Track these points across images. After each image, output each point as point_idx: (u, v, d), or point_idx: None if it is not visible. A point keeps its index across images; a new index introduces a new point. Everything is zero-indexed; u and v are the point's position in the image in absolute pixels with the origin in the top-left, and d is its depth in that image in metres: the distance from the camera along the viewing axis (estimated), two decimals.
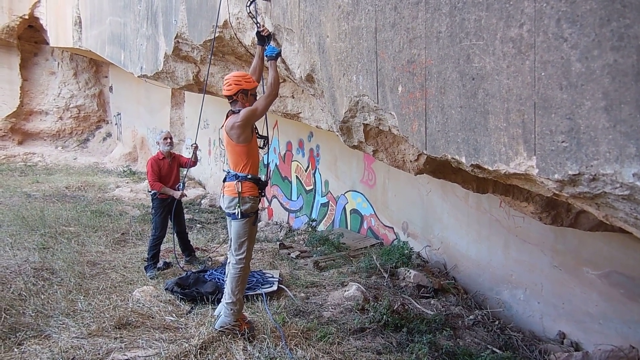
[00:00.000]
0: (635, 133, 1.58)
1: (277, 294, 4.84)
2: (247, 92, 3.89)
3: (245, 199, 3.81)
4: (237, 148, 3.88)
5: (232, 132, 3.81)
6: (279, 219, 9.66)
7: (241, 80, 3.88)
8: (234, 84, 3.87)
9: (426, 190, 6.26)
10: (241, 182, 3.83)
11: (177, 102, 13.99)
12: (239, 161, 3.88)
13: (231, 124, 3.80)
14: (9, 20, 16.52)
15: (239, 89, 3.86)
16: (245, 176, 3.86)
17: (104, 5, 11.19)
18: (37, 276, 5.17)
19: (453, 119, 2.36)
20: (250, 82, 3.91)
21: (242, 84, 3.86)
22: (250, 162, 3.91)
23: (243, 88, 3.86)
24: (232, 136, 3.83)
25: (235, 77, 3.90)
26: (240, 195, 3.79)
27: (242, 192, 3.81)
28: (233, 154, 3.93)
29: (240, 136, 3.81)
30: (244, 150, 3.87)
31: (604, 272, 4.44)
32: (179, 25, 6.43)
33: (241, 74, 3.99)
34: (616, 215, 1.87)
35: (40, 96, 18.43)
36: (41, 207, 9.11)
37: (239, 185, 3.80)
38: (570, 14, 1.75)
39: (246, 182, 3.85)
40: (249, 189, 3.85)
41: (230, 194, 3.85)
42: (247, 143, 3.86)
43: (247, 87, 3.88)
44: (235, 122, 3.77)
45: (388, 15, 2.72)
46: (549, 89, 1.85)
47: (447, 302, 5.04)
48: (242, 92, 3.88)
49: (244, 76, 3.93)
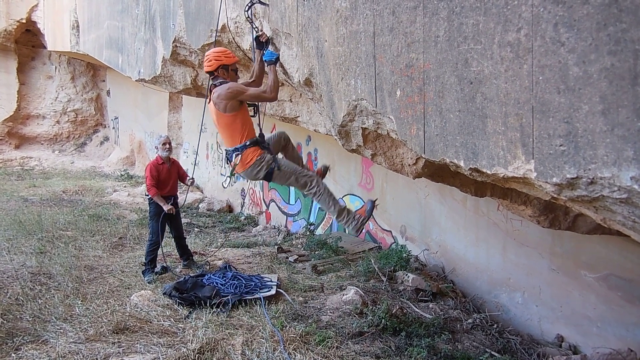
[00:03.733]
0: (632, 136, 1.59)
1: (276, 298, 4.83)
2: (227, 67, 3.99)
3: (256, 164, 3.92)
4: (225, 119, 3.94)
5: (219, 102, 3.88)
6: (277, 222, 9.65)
7: (221, 55, 3.97)
8: (214, 59, 3.96)
9: (424, 193, 6.27)
10: (241, 154, 3.92)
11: (175, 106, 13.99)
12: (234, 135, 3.95)
13: (217, 94, 3.88)
14: (6, 24, 16.51)
15: (219, 65, 3.96)
16: (244, 145, 3.93)
17: (102, 10, 11.20)
18: (34, 281, 5.15)
19: (451, 123, 2.36)
20: (230, 57, 4.00)
21: (221, 59, 3.96)
22: (246, 130, 3.98)
23: (223, 63, 3.97)
24: (219, 106, 3.91)
25: (215, 53, 3.98)
26: (251, 165, 3.91)
27: (250, 161, 3.93)
28: (225, 127, 4.02)
29: (226, 106, 3.89)
30: (234, 120, 3.93)
31: (602, 275, 4.45)
32: (177, 29, 6.44)
33: (221, 49, 4.08)
34: (614, 218, 1.88)
35: (37, 100, 18.40)
36: (38, 211, 9.07)
37: (245, 156, 3.92)
38: (568, 18, 1.77)
39: (246, 150, 3.93)
40: (252, 153, 3.94)
41: (243, 168, 3.95)
42: (235, 112, 3.92)
43: (227, 62, 3.97)
44: (221, 92, 3.85)
45: (386, 20, 2.74)
46: (547, 93, 1.86)
47: (445, 305, 5.04)
48: (222, 68, 3.98)
49: (223, 51, 4.02)
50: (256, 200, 10.46)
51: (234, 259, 6.42)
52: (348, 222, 4.03)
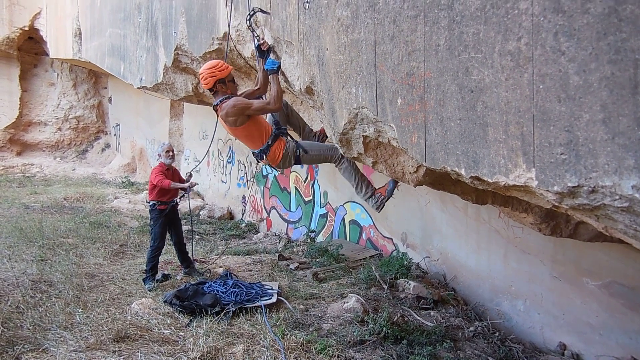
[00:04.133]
0: (633, 145, 1.60)
1: (276, 306, 4.82)
2: (223, 80, 3.99)
3: (284, 157, 4.08)
4: (240, 131, 4.03)
5: (229, 120, 3.95)
6: (277, 230, 9.64)
7: (214, 70, 3.98)
8: (209, 77, 3.98)
9: (425, 201, 6.26)
10: (266, 153, 4.05)
11: (176, 113, 14.03)
12: (254, 140, 4.08)
13: (224, 112, 3.92)
14: (9, 32, 16.61)
15: (215, 80, 3.97)
16: (267, 145, 4.05)
17: (104, 18, 11.27)
18: (35, 288, 5.14)
19: (452, 131, 2.37)
20: (223, 70, 4.00)
21: (216, 74, 3.97)
22: (264, 131, 4.08)
23: (218, 78, 3.97)
24: (230, 123, 3.97)
25: (209, 70, 3.99)
26: (281, 160, 4.07)
27: (278, 157, 4.08)
28: (242, 137, 4.14)
29: (237, 121, 3.95)
30: (249, 129, 4.02)
31: (604, 283, 4.43)
32: (178, 37, 6.48)
33: (213, 64, 4.06)
34: (616, 227, 1.87)
35: (39, 107, 18.47)
36: (39, 218, 9.08)
37: (272, 154, 4.08)
38: (568, 27, 1.77)
39: (271, 148, 4.06)
40: (277, 148, 4.07)
41: (275, 164, 4.13)
42: (245, 124, 3.98)
43: (222, 75, 3.98)
44: (228, 110, 3.90)
45: (387, 28, 2.75)
46: (548, 102, 1.87)
47: (447, 313, 5.02)
48: (219, 82, 3.99)
49: (216, 66, 4.01)
50: (257, 207, 10.46)
51: (234, 267, 6.41)
52: (369, 198, 4.15)
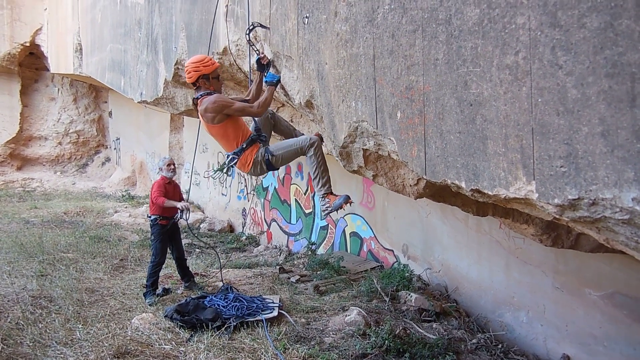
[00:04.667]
0: (632, 158, 1.61)
1: (278, 320, 4.79)
2: (207, 76, 3.95)
3: (254, 164, 3.98)
4: (216, 129, 3.96)
5: (207, 115, 3.90)
6: (278, 242, 9.62)
7: (199, 65, 3.95)
8: (192, 71, 3.95)
9: (426, 212, 6.26)
10: (238, 158, 3.97)
11: (176, 127, 14.08)
12: (229, 141, 3.99)
13: (204, 107, 3.88)
14: (10, 48, 16.74)
15: (199, 75, 3.94)
16: (241, 148, 3.96)
17: (105, 33, 11.36)
18: (34, 304, 5.11)
19: (452, 144, 2.38)
20: (208, 65, 3.97)
21: (200, 69, 3.94)
22: (240, 133, 3.99)
23: (202, 73, 3.94)
24: (207, 119, 3.93)
25: (193, 64, 3.96)
26: (251, 166, 3.98)
27: (249, 163, 3.98)
28: (218, 136, 4.05)
29: (214, 118, 3.90)
30: (225, 128, 3.95)
31: (606, 293, 4.41)
32: (179, 52, 6.53)
33: (198, 58, 4.03)
34: (617, 239, 1.88)
35: (39, 122, 18.54)
36: (39, 233, 9.06)
37: (244, 158, 3.98)
38: (565, 42, 1.80)
39: (244, 152, 3.96)
40: (250, 154, 3.97)
41: (246, 170, 4.03)
42: (222, 122, 3.93)
43: (206, 71, 3.95)
44: (208, 105, 3.85)
45: (386, 43, 2.78)
46: (546, 115, 1.88)
47: (449, 325, 4.99)
48: (202, 78, 3.96)
49: (201, 61, 3.98)
50: (257, 220, 10.45)
51: (235, 280, 6.39)
52: (321, 200, 3.97)
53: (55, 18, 16.06)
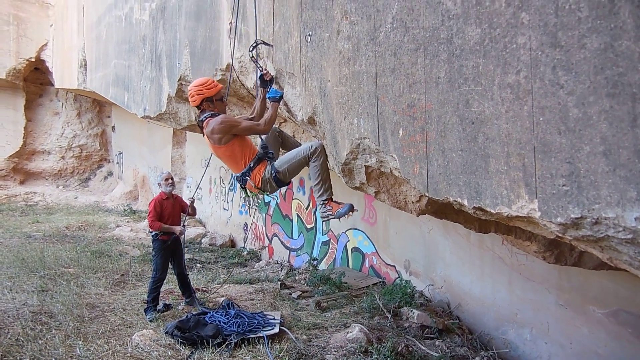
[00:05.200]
0: (635, 177, 1.61)
1: (279, 337, 4.75)
2: (211, 98, 3.98)
3: (264, 182, 3.94)
4: (222, 150, 3.96)
5: (214, 137, 3.90)
6: (279, 257, 9.58)
7: (202, 88, 3.97)
8: (196, 94, 3.97)
9: (427, 227, 6.24)
10: (248, 176, 3.94)
11: (179, 141, 14.16)
12: (237, 161, 3.98)
13: (210, 128, 3.89)
14: (15, 63, 16.95)
15: (202, 98, 3.96)
16: (249, 168, 3.94)
17: (110, 49, 11.50)
18: (35, 320, 5.08)
19: (454, 162, 2.39)
20: (211, 88, 3.99)
21: (203, 92, 3.96)
22: (247, 153, 3.99)
23: (206, 96, 3.96)
24: (214, 140, 3.93)
25: (196, 88, 3.99)
26: (261, 184, 3.94)
27: (259, 182, 3.95)
28: (225, 157, 4.03)
29: (221, 139, 3.90)
30: (232, 149, 3.95)
31: (611, 311, 4.37)
32: (182, 68, 6.59)
33: (201, 81, 4.05)
34: (620, 258, 1.87)
35: (43, 136, 18.67)
36: (41, 248, 9.05)
37: (253, 178, 3.94)
38: (565, 62, 1.81)
39: (252, 172, 3.94)
40: (258, 172, 3.94)
41: (258, 189, 4.00)
42: (229, 142, 3.94)
43: (210, 94, 3.97)
44: (214, 126, 3.86)
45: (388, 61, 2.80)
46: (548, 134, 1.89)
47: (452, 342, 4.94)
48: (206, 101, 3.98)
49: (204, 84, 4.00)
50: (259, 234, 10.43)
51: (236, 296, 6.35)
52: (321, 204, 3.92)
53: (60, 34, 16.28)
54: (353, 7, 3.09)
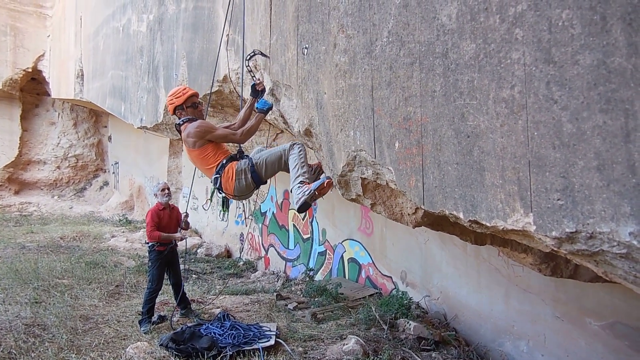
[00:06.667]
0: (628, 192, 1.62)
1: (275, 349, 4.72)
2: (181, 106, 4.14)
3: (238, 175, 3.91)
4: (196, 153, 4.03)
5: (189, 140, 4.00)
6: (276, 268, 9.54)
7: (172, 98, 4.17)
8: (169, 104, 4.19)
9: (424, 239, 6.24)
10: (220, 177, 3.94)
11: (175, 151, 14.15)
12: (210, 163, 4.01)
13: (186, 132, 3.99)
14: (12, 73, 16.97)
15: (174, 108, 4.15)
16: (221, 165, 3.95)
17: (107, 60, 11.53)
18: (28, 332, 5.02)
19: (450, 175, 2.40)
20: (180, 96, 4.15)
21: (174, 101, 4.16)
22: (220, 154, 4.02)
23: (176, 105, 4.14)
24: (189, 144, 4.02)
25: (169, 98, 4.20)
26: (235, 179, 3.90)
27: (232, 176, 3.92)
28: (198, 160, 4.08)
29: (195, 143, 3.98)
30: (205, 151, 4.01)
31: (607, 323, 4.37)
32: (179, 79, 6.62)
33: (172, 92, 4.24)
34: (615, 272, 1.88)
35: (39, 146, 18.63)
36: (35, 258, 8.98)
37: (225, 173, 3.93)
38: (559, 77, 1.83)
39: (225, 168, 3.94)
40: (231, 167, 3.93)
41: (231, 187, 3.94)
42: (202, 147, 4.01)
43: (179, 102, 4.15)
44: (190, 130, 3.96)
45: (384, 74, 2.83)
46: (542, 148, 1.91)
47: (448, 354, 4.92)
48: (178, 109, 4.15)
49: (174, 94, 4.19)
50: (255, 245, 10.39)
51: (232, 307, 6.31)
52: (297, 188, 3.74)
53: (58, 45, 16.32)
54: (349, 21, 3.12)
